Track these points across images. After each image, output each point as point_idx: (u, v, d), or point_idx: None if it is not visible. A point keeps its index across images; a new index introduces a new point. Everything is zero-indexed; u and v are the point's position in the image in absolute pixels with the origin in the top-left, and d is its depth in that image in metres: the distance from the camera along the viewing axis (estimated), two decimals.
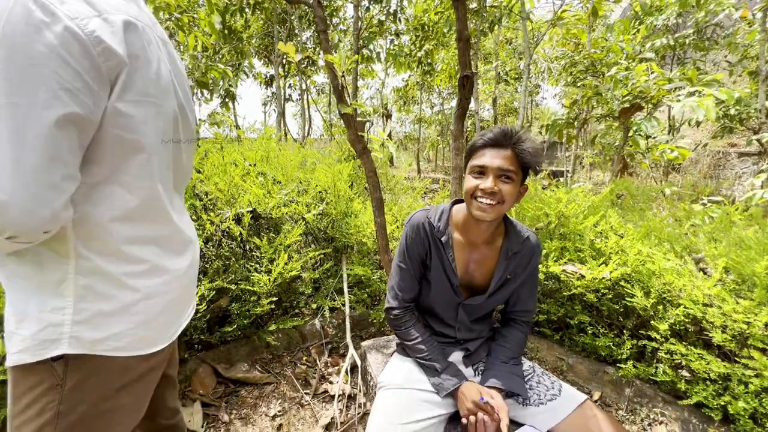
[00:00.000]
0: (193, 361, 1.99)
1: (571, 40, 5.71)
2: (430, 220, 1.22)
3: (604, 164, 4.90)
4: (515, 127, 1.07)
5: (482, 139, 1.08)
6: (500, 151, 1.04)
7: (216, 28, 3.21)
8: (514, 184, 1.05)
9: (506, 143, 1.04)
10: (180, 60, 0.79)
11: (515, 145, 1.03)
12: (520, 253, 1.20)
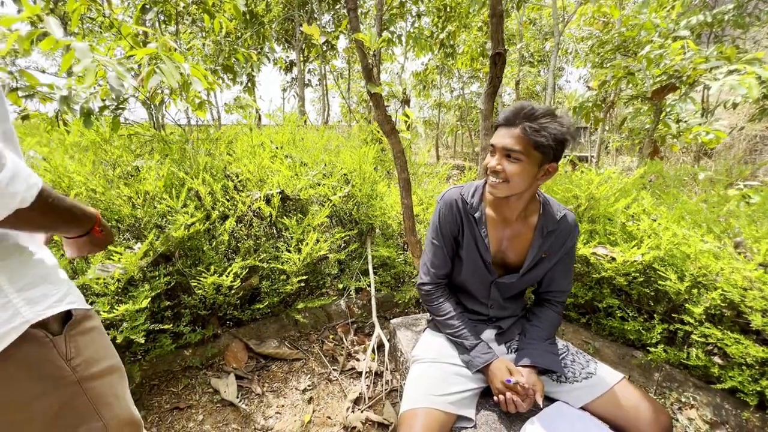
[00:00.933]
0: (226, 337, 2.08)
1: (600, 18, 5.47)
2: (463, 197, 1.22)
3: (633, 148, 4.73)
4: (533, 104, 1.02)
5: (499, 117, 1.07)
6: (510, 129, 1.03)
7: (240, 10, 3.22)
8: (522, 164, 1.03)
9: (516, 122, 1.02)
10: None
11: (524, 123, 1.00)
12: (556, 232, 1.19)
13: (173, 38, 3.00)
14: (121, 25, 2.47)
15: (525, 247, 1.21)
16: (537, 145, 1.00)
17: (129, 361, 1.77)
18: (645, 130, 3.77)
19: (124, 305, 1.42)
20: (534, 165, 1.04)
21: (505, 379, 1.08)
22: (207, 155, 2.15)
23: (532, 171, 1.05)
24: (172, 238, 1.69)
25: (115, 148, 1.86)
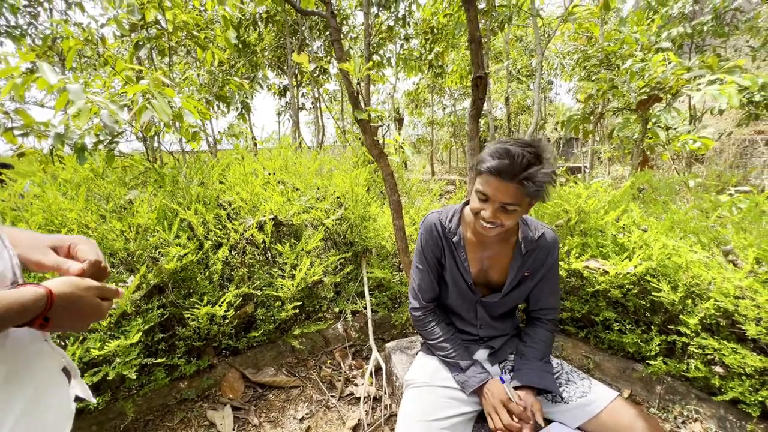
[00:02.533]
0: (222, 366, 2.05)
1: (583, 34, 5.63)
2: (441, 222, 1.25)
3: (623, 158, 4.79)
4: (524, 155, 0.96)
5: (488, 164, 0.99)
6: (504, 183, 0.98)
7: (232, 42, 3.32)
8: (517, 212, 1.04)
9: (511, 178, 0.97)
10: None
11: (522, 181, 0.97)
12: (536, 251, 1.20)
13: (165, 73, 3.08)
14: (116, 61, 2.54)
15: (506, 266, 1.23)
16: (531, 195, 1.00)
17: (122, 397, 1.75)
18: (634, 139, 3.83)
19: (116, 341, 1.41)
20: (525, 207, 1.06)
21: (503, 397, 1.08)
22: (200, 185, 2.18)
23: (523, 212, 1.07)
24: (164, 270, 1.70)
25: (108, 183, 1.88)
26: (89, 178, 1.87)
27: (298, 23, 5.56)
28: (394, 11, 5.59)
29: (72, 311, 0.57)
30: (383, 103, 11.21)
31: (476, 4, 1.61)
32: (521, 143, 0.99)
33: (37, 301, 0.52)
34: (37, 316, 0.53)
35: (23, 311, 0.51)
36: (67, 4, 6.50)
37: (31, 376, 0.59)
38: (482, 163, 1.02)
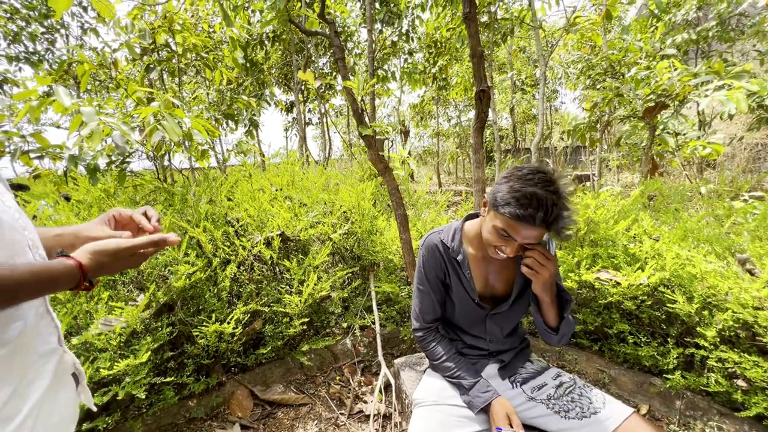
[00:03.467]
0: (231, 384, 2.04)
1: (587, 43, 5.65)
2: (443, 241, 1.24)
3: (632, 165, 4.74)
4: (551, 200, 0.92)
5: (515, 212, 0.94)
6: (531, 228, 0.95)
7: (239, 62, 3.40)
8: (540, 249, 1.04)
9: (539, 225, 0.94)
10: None
11: (549, 226, 0.94)
12: None
13: (175, 93, 3.17)
14: (128, 84, 2.62)
15: (510, 275, 1.22)
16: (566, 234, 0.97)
17: (132, 416, 1.74)
18: (643, 147, 3.80)
19: (125, 360, 1.42)
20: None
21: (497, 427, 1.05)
22: (208, 203, 2.21)
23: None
24: (173, 288, 1.71)
25: (119, 202, 1.92)
26: (101, 198, 1.90)
27: (303, 41, 5.69)
28: (397, 27, 5.69)
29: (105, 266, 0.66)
30: (389, 116, 11.32)
31: (477, 20, 1.63)
32: (544, 181, 0.94)
33: (66, 269, 0.60)
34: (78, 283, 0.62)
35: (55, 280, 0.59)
36: (82, 30, 6.76)
37: (44, 374, 0.64)
38: (506, 206, 0.96)
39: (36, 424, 0.60)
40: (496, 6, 4.37)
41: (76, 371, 0.75)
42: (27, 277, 0.54)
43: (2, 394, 0.55)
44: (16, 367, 0.58)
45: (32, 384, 0.61)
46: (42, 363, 0.64)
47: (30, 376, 0.61)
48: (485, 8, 4.31)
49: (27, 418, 0.58)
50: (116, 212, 0.86)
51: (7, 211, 0.61)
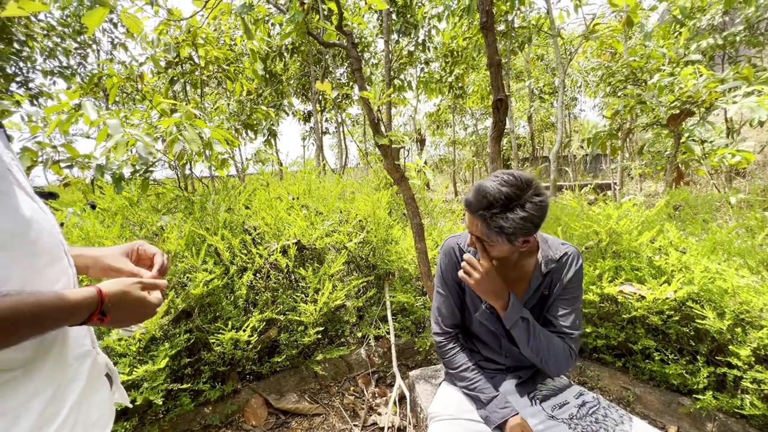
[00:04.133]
0: (245, 392, 2.05)
1: (607, 50, 5.56)
2: (459, 245, 1.23)
3: (655, 174, 4.59)
4: (494, 194, 0.95)
5: (465, 197, 1.04)
6: (472, 216, 1.02)
7: (259, 74, 3.48)
8: (493, 244, 1.04)
9: (474, 211, 0.99)
10: None
11: (483, 215, 0.97)
12: (555, 270, 1.15)
13: (197, 103, 3.26)
14: (153, 96, 2.71)
15: (525, 281, 1.18)
16: (499, 234, 0.97)
17: (149, 422, 1.77)
18: (667, 155, 3.68)
19: (143, 366, 1.44)
20: (503, 244, 1.02)
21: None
22: (227, 211, 2.25)
23: (504, 247, 1.04)
24: (192, 295, 1.74)
25: (142, 210, 1.97)
26: (125, 206, 1.96)
27: (321, 52, 5.80)
28: (414, 37, 5.74)
29: (123, 304, 0.65)
30: (405, 125, 11.37)
31: (494, 30, 1.62)
32: (504, 180, 0.96)
33: (87, 298, 0.59)
34: (93, 312, 0.60)
35: (76, 308, 0.57)
36: (112, 45, 7.08)
37: (80, 376, 0.66)
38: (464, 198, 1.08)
39: (76, 424, 0.62)
40: (513, 15, 4.35)
41: (109, 371, 0.78)
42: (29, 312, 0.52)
43: (45, 396, 0.57)
44: (56, 370, 0.60)
45: (70, 385, 0.63)
46: (77, 365, 0.66)
47: (68, 378, 0.63)
48: (502, 17, 4.30)
49: (67, 418, 0.60)
50: (140, 246, 0.85)
51: (46, 218, 0.63)
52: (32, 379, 0.56)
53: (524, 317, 1.08)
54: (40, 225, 0.59)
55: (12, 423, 0.52)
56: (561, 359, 1.09)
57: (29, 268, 0.56)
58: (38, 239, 0.58)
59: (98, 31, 6.80)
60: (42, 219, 0.61)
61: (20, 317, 0.50)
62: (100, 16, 1.91)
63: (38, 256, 0.58)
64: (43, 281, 0.58)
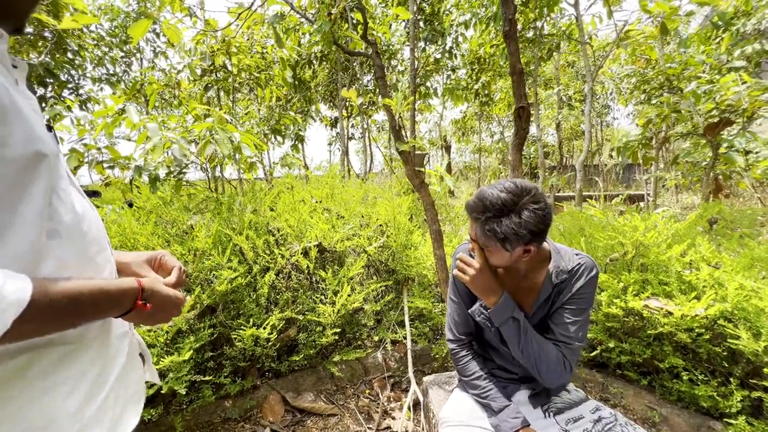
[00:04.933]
0: (264, 389, 2.11)
1: (641, 56, 5.37)
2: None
3: (692, 186, 4.37)
4: (493, 201, 0.97)
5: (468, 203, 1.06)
6: (474, 222, 1.04)
7: (288, 81, 3.61)
8: (494, 252, 1.04)
9: (474, 215, 1.02)
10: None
11: (485, 222, 0.98)
12: (568, 280, 1.13)
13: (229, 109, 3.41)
14: (189, 102, 2.87)
15: (534, 292, 1.16)
16: (496, 239, 0.98)
17: (174, 411, 1.85)
18: (704, 166, 3.51)
19: (169, 356, 1.52)
20: (502, 250, 1.02)
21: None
22: (252, 212, 2.34)
23: (504, 255, 1.04)
24: (216, 292, 1.82)
25: (174, 210, 2.09)
26: (159, 205, 2.09)
27: (349, 60, 5.93)
28: (441, 44, 5.77)
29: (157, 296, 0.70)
30: (430, 131, 11.37)
31: (517, 38, 1.62)
32: (504, 187, 0.98)
33: (132, 286, 0.65)
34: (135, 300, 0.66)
35: (123, 293, 0.63)
36: (154, 54, 7.52)
37: (121, 353, 0.73)
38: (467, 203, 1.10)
39: (118, 396, 0.69)
40: (542, 21, 4.30)
41: (142, 351, 0.85)
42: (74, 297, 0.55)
43: (95, 370, 0.64)
44: (102, 347, 0.67)
45: (114, 361, 0.70)
46: (118, 344, 0.73)
47: (111, 354, 0.70)
48: (531, 24, 4.25)
49: (111, 390, 0.67)
50: (163, 257, 0.89)
51: (93, 212, 0.70)
52: (87, 353, 0.63)
53: (515, 317, 1.08)
54: (90, 218, 0.67)
55: (71, 389, 0.59)
56: (553, 368, 1.07)
57: (84, 256, 0.63)
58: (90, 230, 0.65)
59: (142, 41, 7.25)
60: (91, 213, 0.69)
61: (82, 299, 0.55)
62: (144, 27, 2.06)
63: (90, 245, 0.65)
64: (93, 267, 0.65)
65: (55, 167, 0.57)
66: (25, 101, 0.56)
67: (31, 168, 0.52)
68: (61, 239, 0.58)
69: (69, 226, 0.60)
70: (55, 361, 0.58)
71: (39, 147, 0.52)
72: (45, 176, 0.54)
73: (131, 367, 0.77)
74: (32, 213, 0.52)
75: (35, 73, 4.54)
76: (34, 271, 0.54)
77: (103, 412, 0.64)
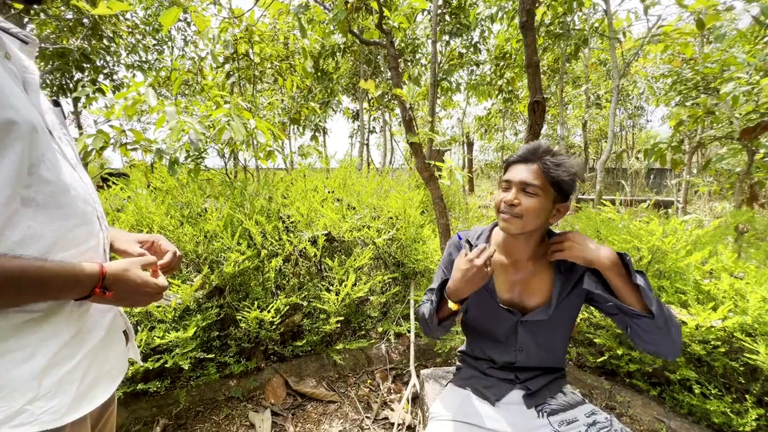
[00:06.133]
0: (268, 371, 2.16)
1: (679, 55, 5.09)
2: (468, 238, 1.21)
3: (724, 192, 4.13)
4: (548, 143, 1.07)
5: (513, 156, 1.11)
6: (527, 165, 1.05)
7: (309, 71, 3.63)
8: (539, 199, 1.03)
9: (533, 158, 1.05)
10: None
11: (543, 158, 1.03)
12: (575, 267, 1.10)
13: (249, 98, 3.47)
14: (211, 89, 2.94)
15: (546, 287, 1.13)
16: (554, 180, 1.02)
17: (180, 386, 1.93)
18: (737, 173, 3.31)
19: (174, 333, 1.58)
20: (549, 201, 1.04)
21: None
22: (267, 200, 2.38)
23: (547, 207, 1.04)
24: (225, 273, 1.87)
25: (190, 191, 2.15)
26: (175, 187, 2.15)
27: (372, 52, 5.91)
28: (466, 38, 5.66)
29: (124, 282, 0.69)
30: (452, 128, 11.22)
31: (534, 30, 1.57)
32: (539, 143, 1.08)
33: (88, 272, 0.64)
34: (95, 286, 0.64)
35: (77, 279, 0.62)
36: (184, 42, 7.73)
37: (99, 327, 0.73)
38: (508, 160, 1.12)
39: (89, 369, 0.69)
40: (572, 17, 4.14)
41: (126, 329, 0.86)
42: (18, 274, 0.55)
43: (62, 338, 0.65)
44: (74, 318, 0.68)
45: (90, 333, 0.71)
46: (99, 318, 0.74)
47: (88, 326, 0.71)
48: (559, 18, 4.10)
49: (81, 361, 0.67)
50: (157, 241, 0.91)
51: (82, 185, 0.72)
52: (50, 323, 0.63)
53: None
54: (76, 191, 0.68)
55: (29, 356, 0.60)
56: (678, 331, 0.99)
57: (61, 228, 0.64)
58: (74, 203, 0.67)
59: (173, 29, 7.46)
60: (80, 187, 0.70)
61: (25, 279, 0.55)
62: (174, 15, 2.11)
63: (69, 218, 0.66)
64: (71, 239, 0.66)
65: (34, 137, 0.58)
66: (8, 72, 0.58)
67: (2, 135, 0.53)
68: (37, 207, 0.59)
69: (48, 196, 0.61)
70: (15, 326, 0.59)
71: (10, 115, 0.54)
72: (18, 144, 0.55)
73: (110, 343, 0.77)
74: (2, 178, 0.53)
75: (72, 58, 4.76)
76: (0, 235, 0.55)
77: (68, 383, 0.64)
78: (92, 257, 0.70)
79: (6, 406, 0.56)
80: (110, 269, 0.67)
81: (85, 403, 0.68)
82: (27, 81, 0.65)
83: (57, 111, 0.75)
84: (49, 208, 0.61)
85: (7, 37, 0.65)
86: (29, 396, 0.59)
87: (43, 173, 0.60)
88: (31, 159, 0.58)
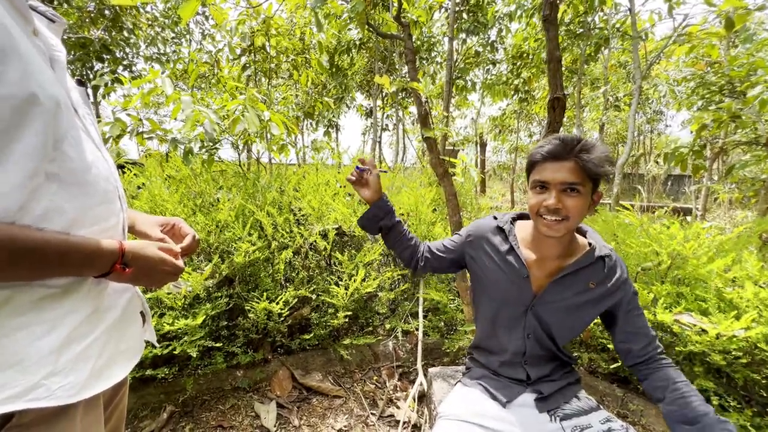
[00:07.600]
0: (274, 363, 2.16)
1: (704, 58, 4.94)
2: (495, 218, 1.21)
3: (746, 200, 4.00)
4: (575, 135, 0.99)
5: (541, 152, 1.00)
6: (562, 163, 0.97)
7: (324, 66, 3.62)
8: (582, 197, 0.97)
9: (568, 154, 0.96)
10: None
11: (579, 155, 0.95)
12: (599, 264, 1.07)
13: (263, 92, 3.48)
14: (227, 81, 2.95)
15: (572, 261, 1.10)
16: (591, 173, 0.96)
17: (188, 374, 1.94)
18: (761, 180, 3.20)
19: (183, 320, 1.58)
20: (588, 195, 0.99)
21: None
22: (279, 192, 2.38)
23: (587, 202, 1.00)
24: (235, 263, 1.87)
25: (204, 181, 2.16)
26: (188, 176, 2.16)
27: (388, 49, 5.88)
28: (483, 37, 5.59)
29: (143, 260, 0.70)
30: (466, 128, 11.12)
31: (557, 24, 1.53)
32: (567, 135, 1.00)
33: (109, 247, 0.64)
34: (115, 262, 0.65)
35: (98, 253, 0.63)
36: (202, 36, 7.81)
37: (116, 306, 0.74)
38: (535, 156, 1.02)
39: (105, 347, 0.69)
40: (594, 16, 4.05)
41: (143, 310, 0.86)
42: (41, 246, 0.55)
43: (80, 315, 0.65)
44: (91, 296, 0.68)
45: (107, 312, 0.71)
46: (116, 297, 0.74)
47: (105, 305, 0.71)
48: (579, 16, 4.01)
49: (98, 339, 0.67)
50: (177, 224, 0.92)
51: (104, 164, 0.72)
52: (69, 299, 0.63)
53: None
54: (98, 170, 0.68)
55: (48, 331, 0.60)
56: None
57: (83, 205, 0.64)
58: (96, 181, 0.67)
59: (192, 22, 7.54)
60: (102, 166, 0.70)
61: (49, 250, 0.56)
62: (193, 8, 2.12)
63: (91, 195, 0.66)
64: (92, 216, 0.66)
65: (58, 113, 0.58)
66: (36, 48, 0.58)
67: (27, 108, 0.53)
68: (60, 183, 0.59)
69: (71, 172, 0.61)
70: (35, 301, 0.59)
71: (34, 90, 0.53)
72: (42, 118, 0.55)
73: (127, 323, 0.77)
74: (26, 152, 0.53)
75: (93, 48, 4.84)
76: (24, 207, 0.55)
77: (84, 361, 0.64)
78: (112, 236, 0.70)
79: (23, 379, 0.56)
80: (129, 246, 0.68)
81: (100, 381, 0.68)
82: (54, 58, 0.65)
83: (81, 90, 0.75)
84: (71, 185, 0.61)
85: (36, 15, 0.65)
86: (46, 370, 0.59)
87: (66, 149, 0.60)
88: (56, 135, 0.58)
